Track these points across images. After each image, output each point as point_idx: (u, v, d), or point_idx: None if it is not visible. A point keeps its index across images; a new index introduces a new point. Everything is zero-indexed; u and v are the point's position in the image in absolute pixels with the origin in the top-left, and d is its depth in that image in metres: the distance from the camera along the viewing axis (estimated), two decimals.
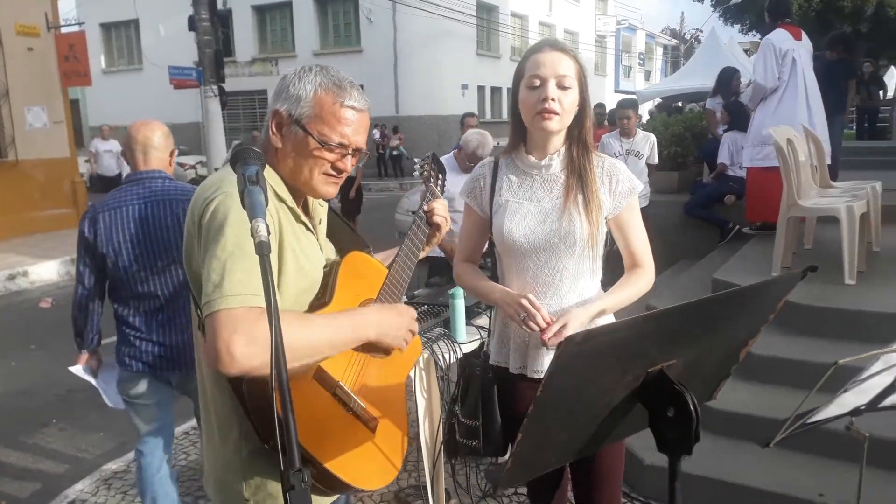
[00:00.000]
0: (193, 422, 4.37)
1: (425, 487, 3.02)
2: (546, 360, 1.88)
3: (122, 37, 28.32)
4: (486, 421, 1.97)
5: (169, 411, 2.97)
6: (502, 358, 1.98)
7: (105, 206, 2.69)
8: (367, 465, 1.49)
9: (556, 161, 1.89)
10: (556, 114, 1.79)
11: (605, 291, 1.95)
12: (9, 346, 6.30)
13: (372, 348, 1.51)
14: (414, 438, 3.53)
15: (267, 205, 1.10)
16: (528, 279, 1.90)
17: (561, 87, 1.79)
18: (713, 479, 3.02)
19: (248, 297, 1.25)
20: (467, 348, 3.06)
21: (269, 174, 1.44)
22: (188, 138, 25.77)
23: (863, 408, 1.40)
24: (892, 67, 21.77)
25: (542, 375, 1.87)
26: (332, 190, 1.51)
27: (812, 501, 2.86)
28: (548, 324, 1.77)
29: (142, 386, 2.82)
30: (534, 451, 1.01)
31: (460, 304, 3.02)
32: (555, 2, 32.88)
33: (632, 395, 1.03)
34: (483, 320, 3.22)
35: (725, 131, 6.82)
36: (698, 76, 17.77)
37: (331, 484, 1.41)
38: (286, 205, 1.45)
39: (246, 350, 1.20)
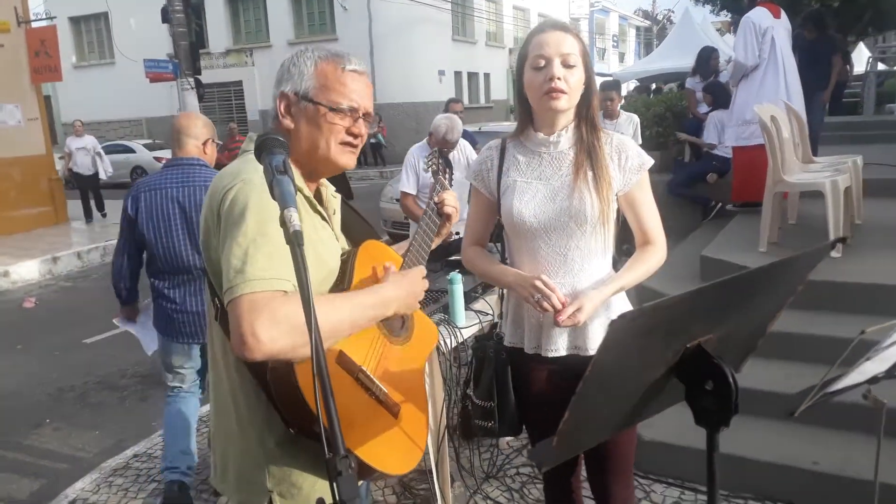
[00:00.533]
0: None
1: (430, 471, 3.05)
2: (560, 339, 1.89)
3: (93, 30, 27.76)
4: (500, 402, 1.98)
5: (203, 370, 3.33)
6: (517, 339, 1.98)
7: (147, 187, 3.07)
8: (392, 449, 1.50)
9: (564, 137, 1.87)
10: (564, 92, 1.78)
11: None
12: None
13: (387, 319, 1.51)
14: None
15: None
16: (539, 259, 1.89)
17: (566, 65, 1.78)
18: (694, 449, 3.07)
19: (272, 280, 1.25)
20: (467, 332, 3.09)
21: None
22: (164, 132, 25.40)
23: (881, 375, 1.44)
24: (861, 44, 22.03)
25: (557, 354, 1.88)
26: (351, 160, 1.52)
27: (808, 470, 2.93)
28: (563, 305, 1.76)
29: (178, 356, 3.23)
30: (578, 429, 1.03)
31: (459, 290, 3.03)
32: None
33: (668, 371, 1.05)
34: (481, 304, 3.26)
35: (709, 111, 6.88)
36: (673, 57, 17.89)
37: (359, 469, 1.42)
38: (302, 194, 1.45)
39: (270, 333, 1.20)
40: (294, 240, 1.03)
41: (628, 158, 1.87)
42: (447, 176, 1.88)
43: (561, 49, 1.78)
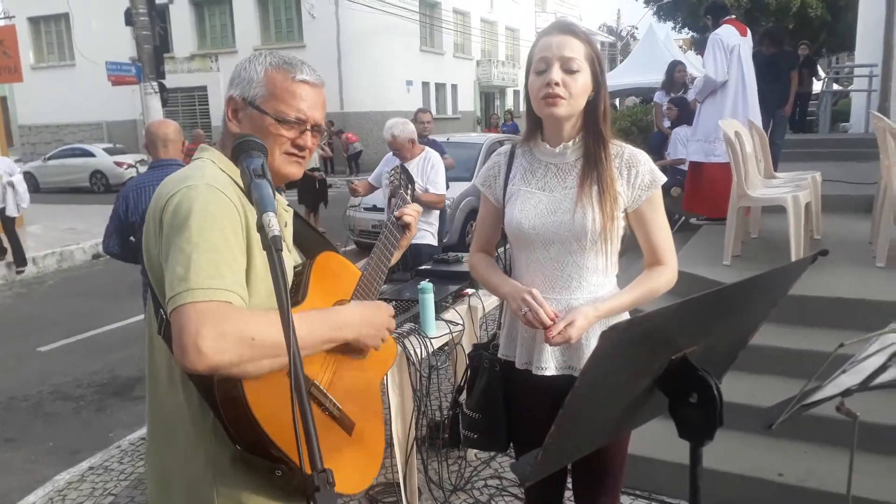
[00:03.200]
0: None
1: (397, 484, 3.01)
2: (553, 357, 1.81)
3: (52, 31, 27.16)
4: (488, 415, 1.92)
5: None
6: (510, 352, 1.91)
7: (134, 186, 3.52)
8: (344, 467, 1.43)
9: (570, 149, 1.80)
10: (562, 98, 1.69)
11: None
12: None
13: (347, 348, 1.46)
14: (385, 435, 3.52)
15: (278, 201, 1.06)
16: (537, 272, 1.82)
17: (567, 70, 1.69)
18: (674, 463, 3.09)
19: (216, 290, 1.20)
20: (437, 343, 3.07)
21: (232, 169, 1.39)
22: (124, 136, 24.97)
23: (854, 388, 1.45)
24: (816, 65, 22.78)
25: (547, 373, 1.80)
26: (297, 170, 1.48)
27: (772, 481, 2.97)
28: (552, 321, 1.68)
29: None
30: (563, 442, 1.02)
31: (430, 299, 3.01)
32: None
33: (652, 383, 1.04)
34: (451, 314, 3.24)
35: (672, 126, 6.99)
36: (637, 72, 18.23)
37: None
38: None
39: (214, 345, 1.15)
40: (272, 244, 1.00)
41: (638, 174, 1.78)
42: (408, 191, 1.89)
43: (563, 53, 1.69)
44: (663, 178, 1.83)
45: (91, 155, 20.21)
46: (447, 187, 5.23)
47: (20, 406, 4.83)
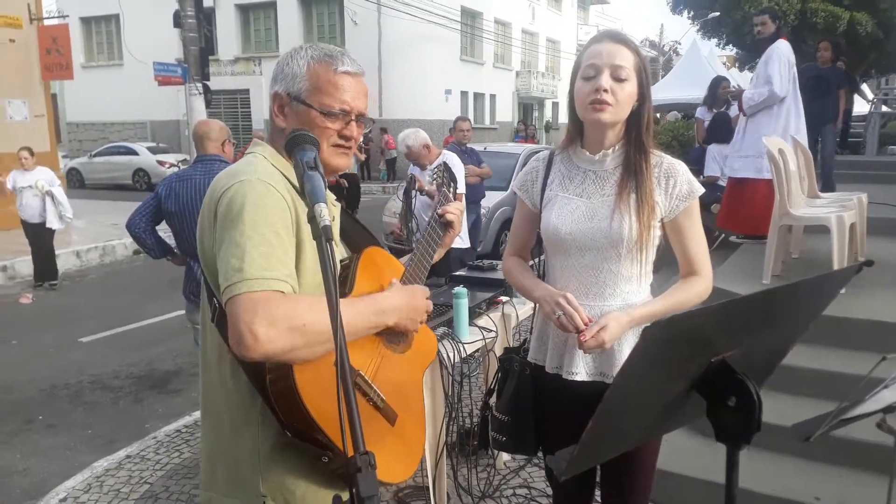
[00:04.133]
0: (185, 419, 4.34)
1: (426, 488, 3.02)
2: (583, 363, 1.81)
3: (103, 31, 27.93)
4: (517, 418, 1.94)
5: None
6: (540, 356, 1.93)
7: (178, 177, 3.76)
8: (388, 457, 1.47)
9: (610, 157, 1.82)
10: (609, 105, 1.71)
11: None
12: None
13: (390, 333, 1.50)
14: None
15: (328, 193, 1.09)
16: (571, 278, 1.83)
17: (616, 78, 1.71)
18: (703, 481, 3.06)
19: (269, 280, 1.25)
20: (470, 348, 3.08)
21: (282, 163, 1.45)
22: (167, 136, 25.54)
23: None
24: (864, 85, 22.26)
25: (577, 378, 1.81)
26: (345, 161, 1.52)
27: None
28: (586, 325, 1.69)
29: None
30: (601, 439, 1.03)
31: (464, 304, 3.03)
32: (538, 10, 33.12)
33: (690, 385, 1.05)
34: (485, 321, 3.25)
35: (705, 142, 6.92)
36: (679, 87, 18.06)
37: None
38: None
39: (269, 333, 1.20)
40: (323, 234, 1.03)
41: (677, 184, 1.80)
42: (451, 189, 1.90)
43: (613, 60, 1.71)
44: (701, 190, 1.84)
45: (135, 153, 20.73)
46: (485, 194, 5.23)
47: (61, 394, 4.97)
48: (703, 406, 1.07)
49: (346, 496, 1.53)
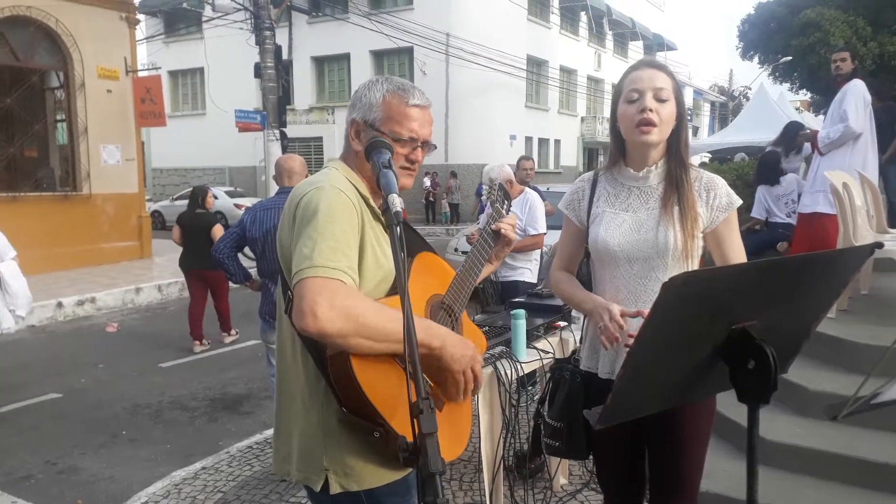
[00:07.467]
0: (256, 437, 4.56)
1: None
2: None
3: (188, 83, 29.74)
4: (570, 423, 2.05)
5: None
6: (592, 364, 2.05)
7: (262, 207, 4.04)
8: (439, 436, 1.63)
9: (653, 173, 1.95)
10: (655, 125, 1.85)
11: None
12: (79, 366, 6.64)
13: (435, 378, 1.61)
14: (473, 454, 3.64)
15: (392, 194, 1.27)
16: (620, 288, 1.95)
17: (658, 99, 1.86)
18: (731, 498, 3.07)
19: (334, 269, 1.43)
20: (528, 367, 3.18)
21: (353, 177, 1.66)
22: (245, 181, 26.73)
23: None
24: None
25: None
26: (409, 181, 1.71)
27: None
28: (630, 336, 1.78)
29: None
30: (631, 390, 1.15)
31: (521, 325, 3.15)
32: (603, 57, 33.43)
33: (714, 352, 1.17)
34: (542, 343, 3.35)
35: (754, 182, 6.93)
36: (747, 131, 17.81)
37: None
38: (367, 204, 1.64)
39: (328, 314, 1.37)
40: (393, 220, 1.21)
41: (717, 196, 1.93)
42: (503, 205, 2.05)
43: (654, 83, 1.87)
44: (739, 201, 1.96)
45: (214, 197, 21.73)
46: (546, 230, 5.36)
47: (143, 412, 5.29)
48: (726, 377, 1.18)
49: (399, 476, 1.67)
